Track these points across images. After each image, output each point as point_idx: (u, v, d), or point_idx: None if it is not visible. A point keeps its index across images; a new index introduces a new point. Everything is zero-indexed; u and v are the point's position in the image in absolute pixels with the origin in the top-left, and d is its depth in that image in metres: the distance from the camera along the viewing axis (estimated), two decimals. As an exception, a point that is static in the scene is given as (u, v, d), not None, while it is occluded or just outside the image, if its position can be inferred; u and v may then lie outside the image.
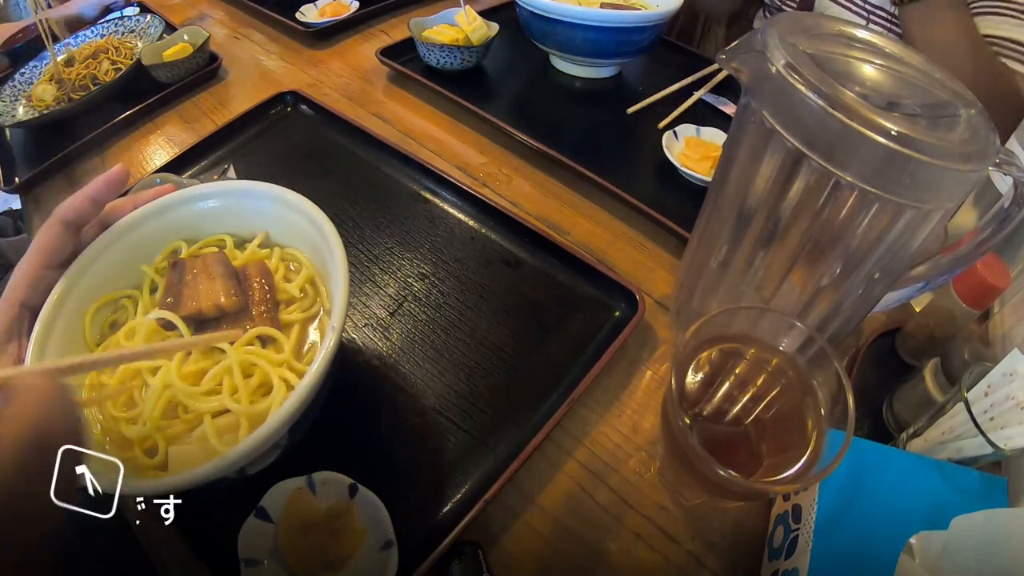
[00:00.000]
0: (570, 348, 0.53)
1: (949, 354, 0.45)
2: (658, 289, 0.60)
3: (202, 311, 0.40)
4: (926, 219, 0.33)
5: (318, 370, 0.35)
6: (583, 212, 0.67)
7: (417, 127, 0.79)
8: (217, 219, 0.47)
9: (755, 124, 0.36)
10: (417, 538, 0.41)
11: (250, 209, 0.46)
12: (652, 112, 0.80)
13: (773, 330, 0.38)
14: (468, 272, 0.59)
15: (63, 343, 0.39)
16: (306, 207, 0.43)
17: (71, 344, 0.40)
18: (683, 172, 0.68)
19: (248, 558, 0.39)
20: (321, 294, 0.44)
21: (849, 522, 0.37)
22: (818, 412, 0.35)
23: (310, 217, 0.43)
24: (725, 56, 0.37)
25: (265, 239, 0.47)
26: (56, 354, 0.38)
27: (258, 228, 0.47)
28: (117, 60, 0.88)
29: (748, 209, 0.40)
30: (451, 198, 0.67)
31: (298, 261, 0.46)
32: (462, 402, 0.50)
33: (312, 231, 0.43)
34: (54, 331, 0.39)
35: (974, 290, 0.47)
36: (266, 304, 0.42)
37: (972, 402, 0.39)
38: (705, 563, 0.43)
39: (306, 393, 0.34)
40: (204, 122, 0.82)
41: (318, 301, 0.44)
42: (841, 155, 0.32)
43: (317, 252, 0.44)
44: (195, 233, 0.47)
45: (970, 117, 0.33)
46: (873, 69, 0.35)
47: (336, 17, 0.98)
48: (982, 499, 0.37)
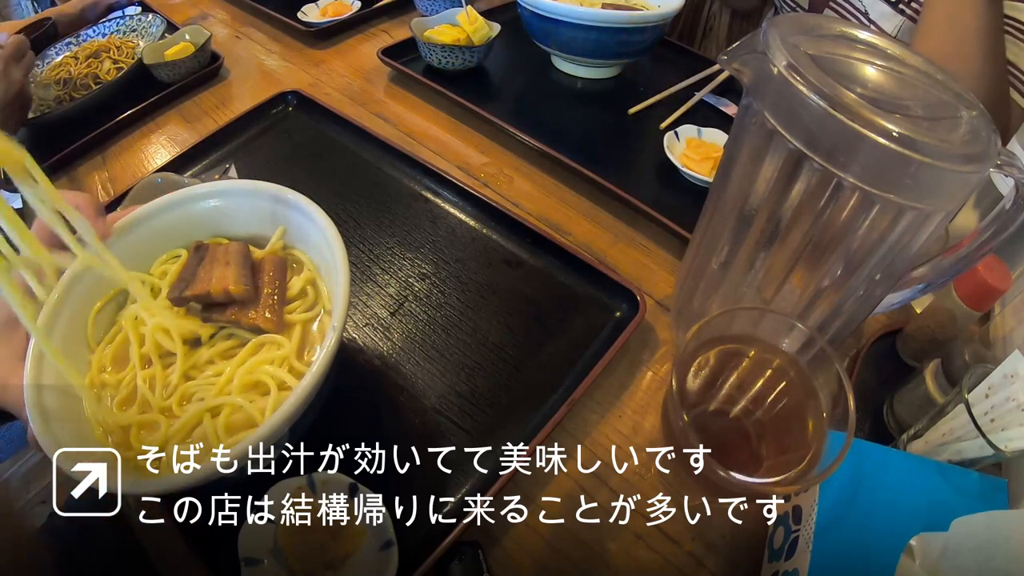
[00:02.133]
0: (571, 348, 0.53)
1: (950, 356, 0.45)
2: (659, 290, 0.60)
3: (210, 293, 0.41)
4: (927, 220, 0.33)
5: (318, 370, 0.35)
6: (584, 212, 0.67)
7: (418, 127, 0.79)
8: (218, 219, 0.47)
9: (756, 125, 0.36)
10: (417, 538, 0.41)
11: (250, 209, 0.46)
12: (653, 113, 0.80)
13: (774, 331, 0.38)
14: (469, 272, 0.59)
15: (65, 341, 0.39)
16: (308, 208, 0.44)
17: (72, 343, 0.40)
18: (684, 173, 0.68)
19: (248, 557, 0.39)
20: (322, 295, 0.44)
21: (849, 523, 0.37)
22: (819, 413, 0.35)
23: (311, 217, 0.43)
24: (727, 57, 0.37)
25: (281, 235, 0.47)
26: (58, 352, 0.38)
27: (258, 227, 0.47)
28: (119, 59, 0.88)
29: (749, 210, 0.40)
30: (452, 198, 0.67)
31: (300, 262, 0.46)
32: (463, 402, 0.50)
33: (314, 231, 0.43)
34: (56, 330, 0.39)
35: (975, 292, 0.47)
36: (274, 298, 0.42)
37: (973, 404, 0.39)
38: (705, 564, 0.43)
39: (305, 393, 0.34)
40: (205, 121, 0.82)
41: (319, 302, 0.44)
42: (842, 156, 0.32)
43: (319, 253, 0.44)
44: (197, 234, 0.47)
45: (971, 119, 0.33)
46: (875, 70, 0.35)
47: (337, 17, 0.98)
48: (983, 501, 0.37)
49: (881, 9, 0.75)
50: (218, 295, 0.41)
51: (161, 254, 0.46)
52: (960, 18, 0.62)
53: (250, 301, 0.42)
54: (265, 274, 0.43)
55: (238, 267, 0.42)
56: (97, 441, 0.37)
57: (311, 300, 0.44)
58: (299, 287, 0.44)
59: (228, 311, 0.42)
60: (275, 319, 0.41)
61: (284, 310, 0.43)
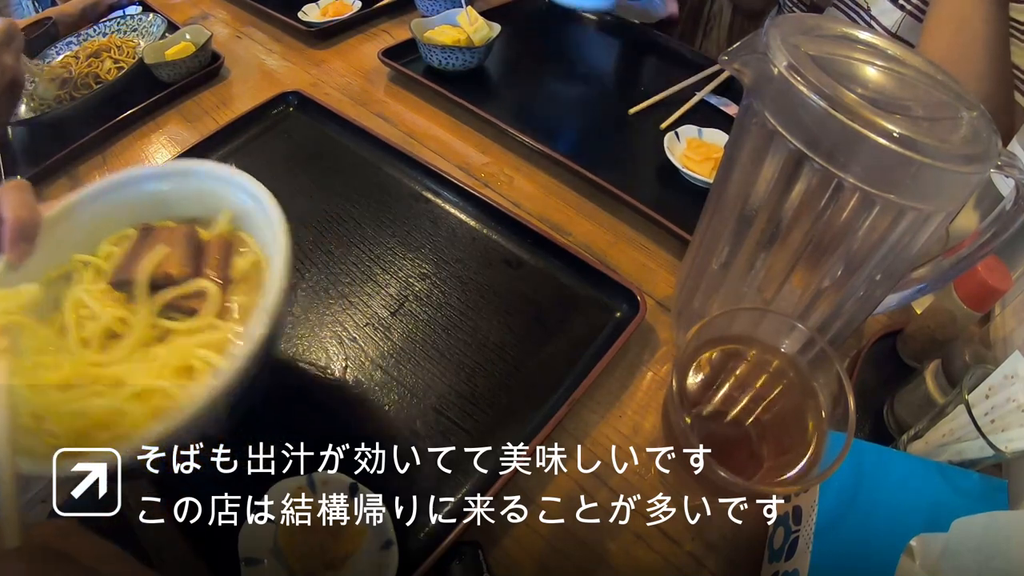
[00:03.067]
0: (571, 348, 0.53)
1: (950, 356, 0.45)
2: (659, 290, 0.60)
3: (151, 275, 0.41)
4: (927, 221, 0.33)
5: (244, 352, 0.35)
6: (584, 213, 0.67)
7: (419, 127, 0.79)
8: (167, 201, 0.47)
9: (757, 125, 0.36)
10: (417, 538, 0.41)
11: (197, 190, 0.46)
12: (654, 113, 0.80)
13: (774, 331, 0.38)
14: (469, 272, 0.60)
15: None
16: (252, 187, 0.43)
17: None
18: (685, 173, 0.68)
19: (248, 557, 0.39)
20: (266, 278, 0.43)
21: (849, 524, 0.37)
22: (819, 414, 0.35)
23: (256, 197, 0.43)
24: (727, 57, 0.37)
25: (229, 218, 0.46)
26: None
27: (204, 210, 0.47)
28: (119, 59, 0.88)
29: (750, 210, 0.40)
30: (453, 198, 0.67)
31: (246, 244, 0.45)
32: (463, 402, 0.50)
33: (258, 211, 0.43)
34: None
35: (975, 292, 0.47)
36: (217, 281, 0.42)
37: (973, 404, 0.39)
38: (705, 564, 0.43)
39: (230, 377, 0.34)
40: (206, 121, 0.82)
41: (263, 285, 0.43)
42: (843, 157, 0.32)
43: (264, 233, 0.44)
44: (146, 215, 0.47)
45: (972, 119, 0.33)
46: (875, 71, 0.35)
47: (338, 17, 0.98)
48: (983, 501, 0.37)
49: (882, 6, 0.75)
50: (159, 278, 0.41)
51: (109, 235, 0.46)
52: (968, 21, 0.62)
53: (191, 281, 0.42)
54: (211, 256, 0.43)
55: (182, 249, 0.42)
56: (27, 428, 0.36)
57: (254, 283, 0.43)
58: (244, 269, 0.43)
59: (169, 293, 0.41)
60: (216, 301, 0.41)
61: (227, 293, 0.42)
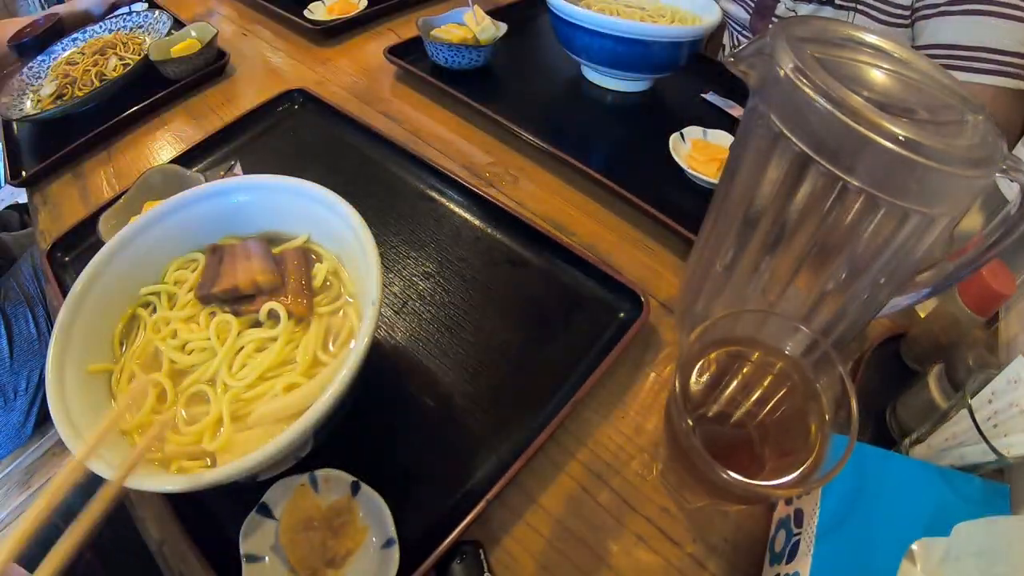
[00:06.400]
0: (574, 349, 0.53)
1: (953, 360, 0.45)
2: (663, 291, 0.60)
3: (238, 287, 0.41)
4: (932, 224, 0.33)
5: (347, 376, 0.35)
6: (589, 213, 0.67)
7: (424, 126, 0.79)
8: (230, 219, 0.47)
9: (762, 127, 0.36)
10: (419, 537, 0.41)
11: (269, 205, 0.47)
12: (660, 113, 0.80)
13: (778, 334, 0.38)
14: (473, 271, 0.60)
15: (84, 345, 0.40)
16: (329, 199, 0.44)
17: (92, 345, 0.41)
18: (689, 174, 0.68)
19: (250, 554, 0.39)
20: (346, 284, 0.45)
21: (851, 527, 0.37)
22: (822, 416, 0.35)
23: (333, 208, 0.44)
24: (733, 59, 0.37)
25: (307, 236, 0.47)
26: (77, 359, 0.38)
27: (270, 224, 0.48)
28: (125, 56, 0.88)
29: (754, 212, 0.39)
30: (457, 197, 0.67)
31: (318, 253, 0.47)
32: (465, 401, 0.50)
33: (334, 220, 0.44)
34: (73, 334, 0.39)
35: (979, 296, 0.47)
36: (302, 283, 0.43)
37: (976, 409, 0.38)
38: (706, 566, 0.43)
39: (333, 400, 0.35)
40: (211, 118, 0.82)
41: (343, 293, 0.45)
42: (848, 159, 0.32)
43: (339, 243, 0.45)
44: (208, 235, 0.47)
45: (977, 123, 0.33)
46: (881, 74, 0.35)
47: (344, 15, 0.98)
48: (984, 506, 0.37)
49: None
50: (247, 287, 0.41)
51: (171, 259, 0.47)
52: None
53: (278, 290, 0.42)
54: (289, 263, 0.44)
55: (261, 259, 0.43)
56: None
57: (335, 291, 0.44)
58: (322, 277, 0.44)
59: (258, 302, 0.42)
60: (307, 303, 0.42)
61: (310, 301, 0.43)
